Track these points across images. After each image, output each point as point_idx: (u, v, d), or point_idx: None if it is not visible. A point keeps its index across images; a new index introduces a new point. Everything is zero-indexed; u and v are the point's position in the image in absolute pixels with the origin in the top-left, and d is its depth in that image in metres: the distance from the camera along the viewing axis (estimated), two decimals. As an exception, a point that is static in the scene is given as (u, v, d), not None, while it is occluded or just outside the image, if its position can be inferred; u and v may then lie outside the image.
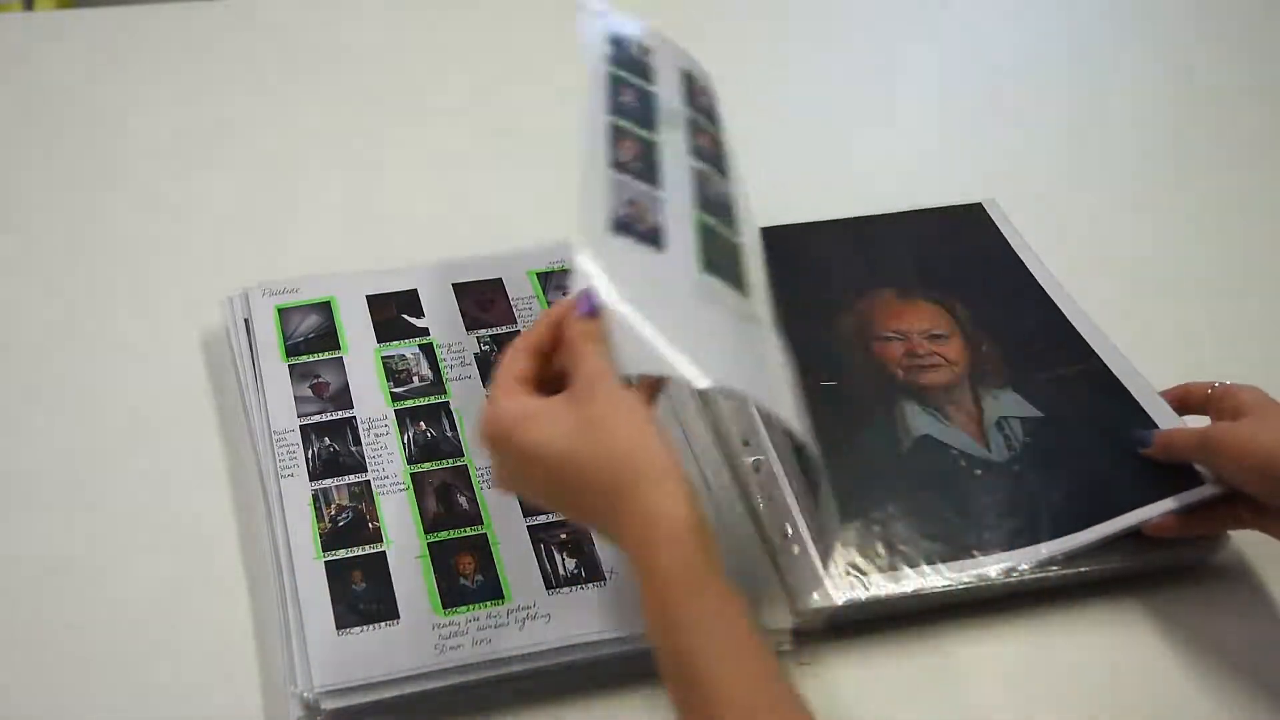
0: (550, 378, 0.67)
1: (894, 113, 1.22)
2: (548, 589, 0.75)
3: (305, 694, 0.70)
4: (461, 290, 0.92)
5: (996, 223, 1.01)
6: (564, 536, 0.78)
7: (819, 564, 0.77)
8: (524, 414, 0.63)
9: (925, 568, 0.78)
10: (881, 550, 0.78)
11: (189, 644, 0.75)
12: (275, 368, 0.85)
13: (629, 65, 0.80)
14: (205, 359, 0.90)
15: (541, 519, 0.79)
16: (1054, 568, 0.79)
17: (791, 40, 1.30)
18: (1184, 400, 0.85)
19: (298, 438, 0.81)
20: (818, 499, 0.75)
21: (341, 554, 0.76)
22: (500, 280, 0.93)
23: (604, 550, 0.77)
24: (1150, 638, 0.79)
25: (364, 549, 0.76)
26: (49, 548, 0.79)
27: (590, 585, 0.76)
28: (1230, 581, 0.83)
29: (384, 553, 0.76)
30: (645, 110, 0.78)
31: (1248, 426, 0.77)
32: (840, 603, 0.76)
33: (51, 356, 0.91)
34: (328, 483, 0.79)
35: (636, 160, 0.74)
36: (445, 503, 0.79)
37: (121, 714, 0.72)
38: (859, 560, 0.78)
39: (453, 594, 0.74)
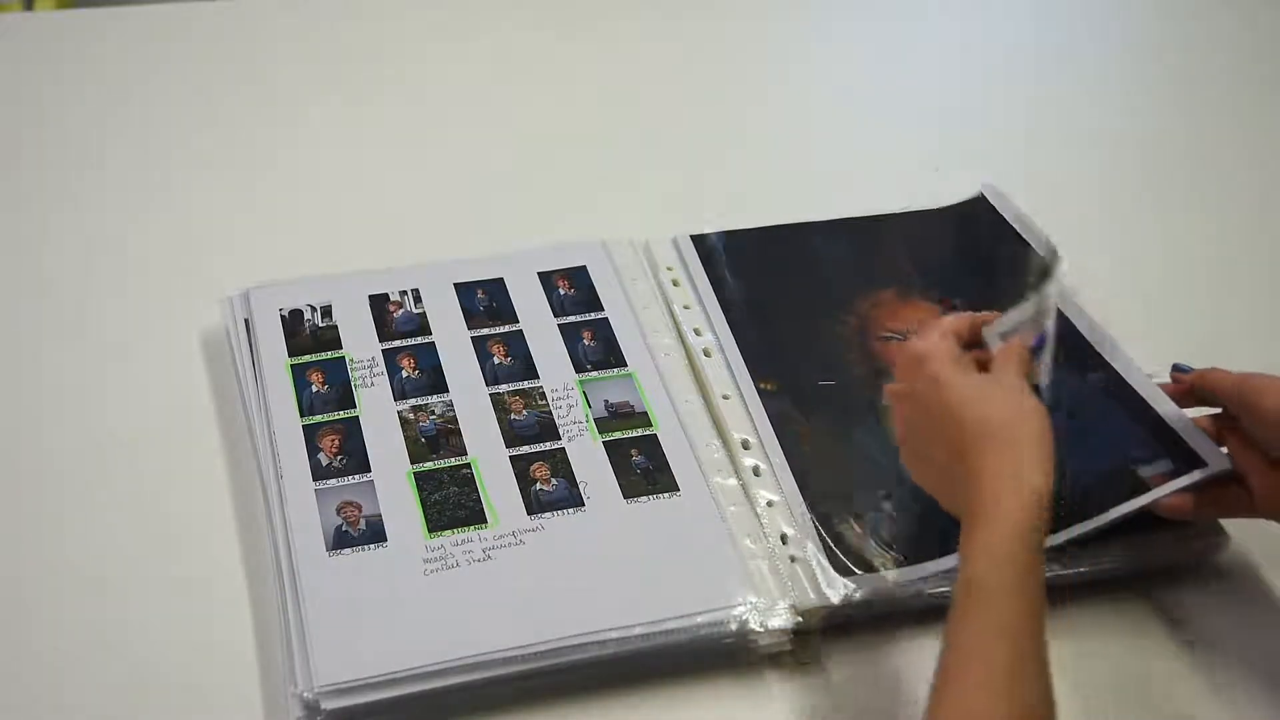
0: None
1: (893, 111, 1.22)
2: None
3: (305, 694, 0.70)
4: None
5: (998, 207, 1.00)
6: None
7: (816, 564, 0.77)
8: (951, 355, 0.75)
9: (923, 569, 0.78)
10: (879, 549, 0.79)
11: (189, 644, 0.75)
12: (275, 368, 0.86)
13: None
14: (205, 359, 0.90)
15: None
16: (1054, 567, 0.78)
17: (789, 40, 1.30)
18: (1189, 392, 0.84)
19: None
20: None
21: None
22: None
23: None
24: (1152, 637, 0.79)
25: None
26: (49, 548, 0.79)
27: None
28: (1232, 580, 0.83)
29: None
30: (334, 383, 0.85)
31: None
32: (837, 601, 0.76)
33: (51, 356, 0.91)
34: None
35: (339, 455, 0.80)
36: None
37: (122, 714, 0.72)
38: (857, 559, 0.78)
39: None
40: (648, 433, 0.84)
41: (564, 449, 0.83)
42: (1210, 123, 1.24)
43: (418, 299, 0.91)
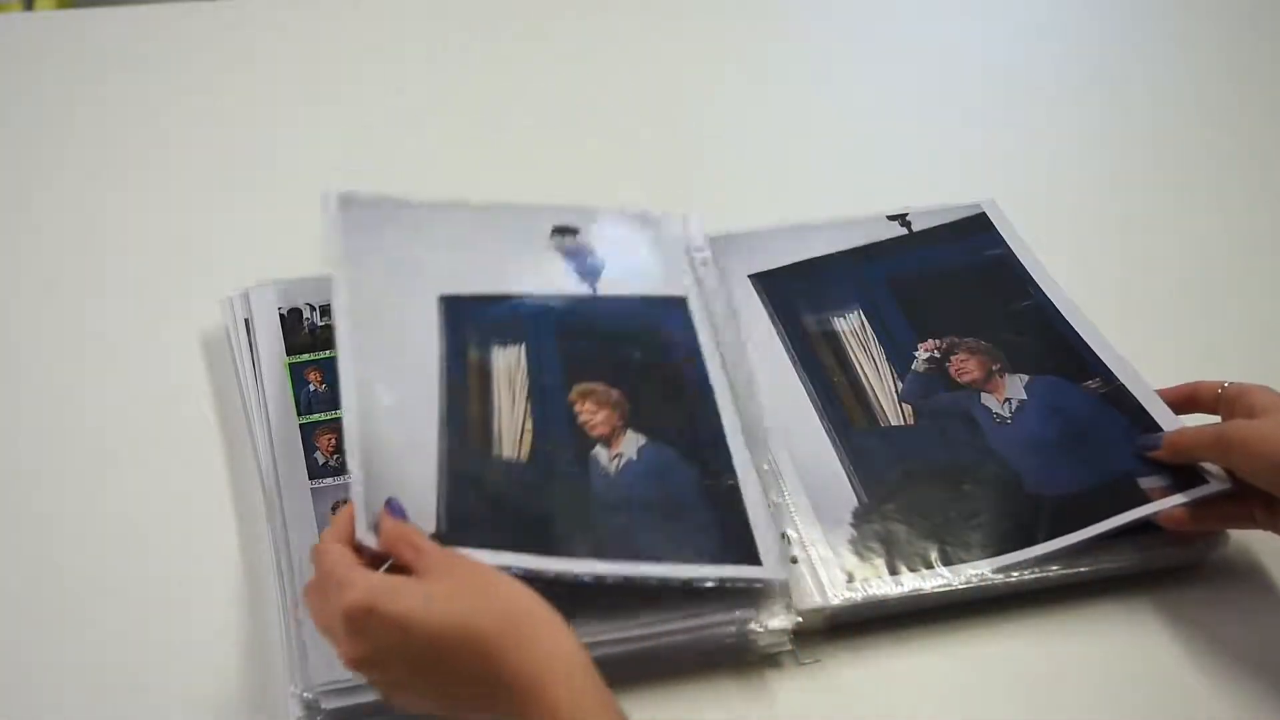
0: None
1: (893, 113, 1.22)
2: None
3: (305, 694, 0.70)
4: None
5: (998, 227, 0.99)
6: None
7: (817, 565, 0.77)
8: (386, 587, 0.63)
9: (923, 570, 0.78)
10: (880, 550, 0.78)
11: (189, 644, 0.75)
12: (274, 367, 0.85)
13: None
14: (205, 359, 0.90)
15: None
16: (1054, 567, 0.79)
17: (789, 41, 1.30)
18: (1191, 399, 0.84)
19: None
20: None
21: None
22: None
23: None
24: (1152, 636, 0.79)
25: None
26: (49, 548, 0.79)
27: None
28: (1233, 579, 0.83)
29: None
30: (332, 382, 0.83)
31: (1266, 424, 0.76)
32: (837, 602, 0.76)
33: (51, 356, 0.91)
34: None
35: (336, 454, 0.80)
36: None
37: (122, 714, 0.72)
38: (857, 561, 0.78)
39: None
40: (648, 433, 0.84)
41: (564, 449, 0.83)
42: (1215, 126, 1.24)
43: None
